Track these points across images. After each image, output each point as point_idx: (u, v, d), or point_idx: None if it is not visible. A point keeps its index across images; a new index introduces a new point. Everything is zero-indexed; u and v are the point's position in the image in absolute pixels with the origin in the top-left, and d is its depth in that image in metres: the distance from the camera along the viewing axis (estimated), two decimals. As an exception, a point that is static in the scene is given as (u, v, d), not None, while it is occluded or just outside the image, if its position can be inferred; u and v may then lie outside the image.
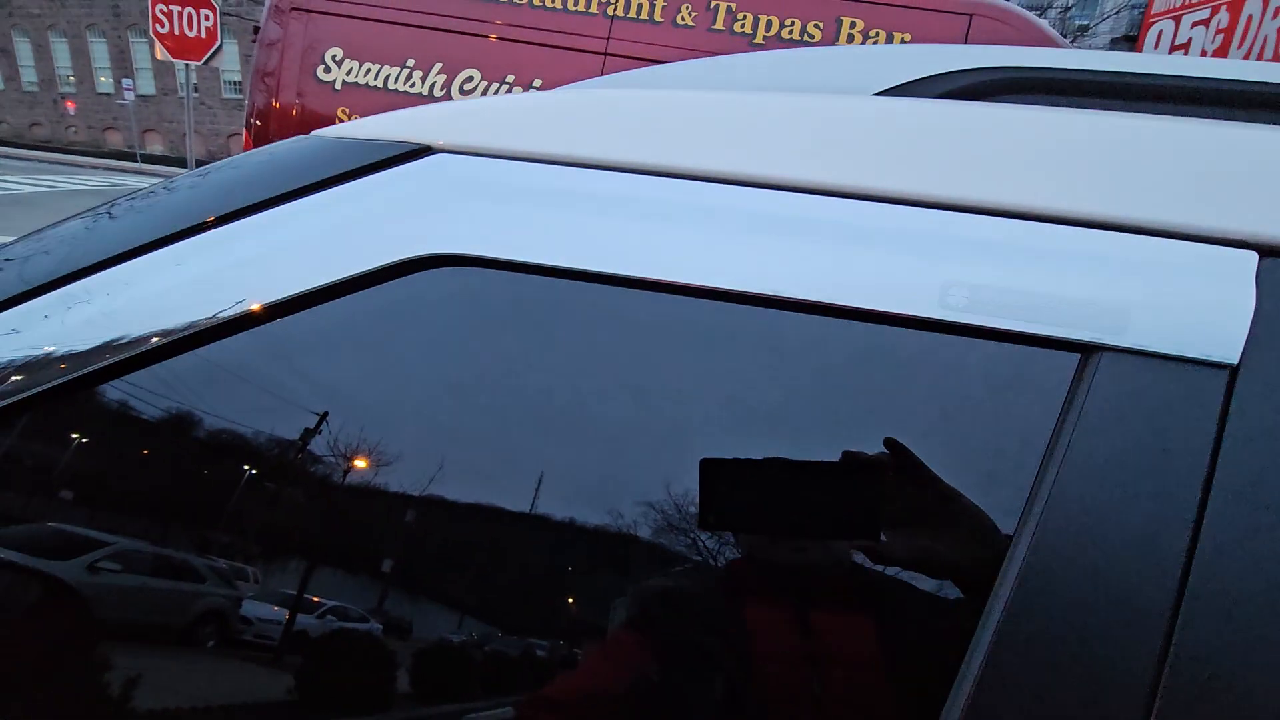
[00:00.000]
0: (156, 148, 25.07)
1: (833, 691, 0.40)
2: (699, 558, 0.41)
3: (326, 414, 0.44)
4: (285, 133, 3.56)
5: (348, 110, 3.46)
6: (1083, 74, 0.60)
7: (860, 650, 0.40)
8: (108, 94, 25.26)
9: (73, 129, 26.22)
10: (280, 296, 0.44)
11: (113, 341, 0.45)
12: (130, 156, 22.48)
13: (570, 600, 0.43)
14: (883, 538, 0.40)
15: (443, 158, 0.47)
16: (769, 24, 3.08)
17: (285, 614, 0.44)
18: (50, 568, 0.48)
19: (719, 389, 0.42)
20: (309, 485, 0.45)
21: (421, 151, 0.47)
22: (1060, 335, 0.39)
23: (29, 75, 26.26)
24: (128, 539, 0.48)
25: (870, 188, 0.42)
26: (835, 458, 0.41)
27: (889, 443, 0.40)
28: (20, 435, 0.48)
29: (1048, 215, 0.41)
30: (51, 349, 0.47)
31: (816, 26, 3.05)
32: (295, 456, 0.45)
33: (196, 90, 21.89)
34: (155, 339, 0.45)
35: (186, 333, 0.45)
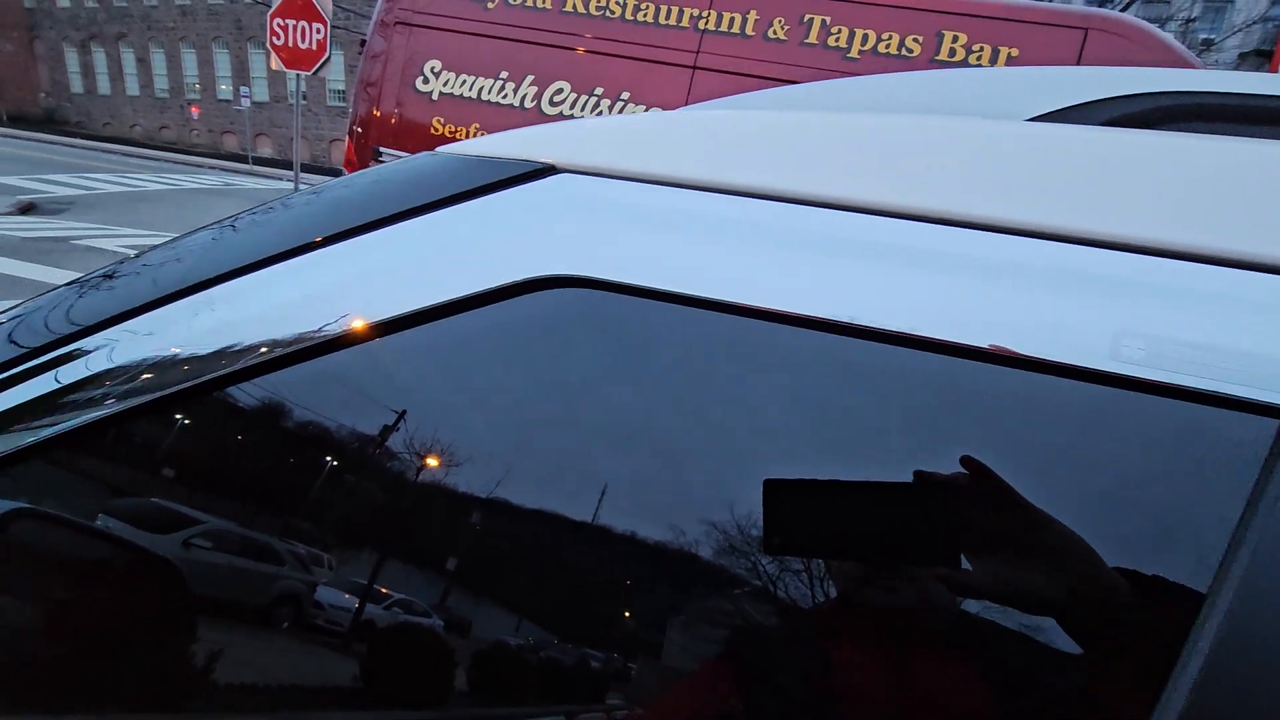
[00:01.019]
0: (266, 150, 26.99)
1: None
2: (808, 593, 0.38)
3: (442, 426, 0.44)
4: (383, 140, 3.75)
5: (442, 119, 3.60)
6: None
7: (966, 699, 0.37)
8: (227, 100, 27.41)
9: (195, 132, 28.59)
10: (400, 311, 0.44)
11: (233, 348, 0.47)
12: (243, 158, 24.28)
13: (677, 629, 0.41)
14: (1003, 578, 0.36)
15: (566, 177, 0.46)
16: (865, 38, 3.00)
17: (412, 621, 0.44)
18: (151, 542, 0.48)
19: (849, 431, 0.39)
20: (420, 497, 0.45)
21: (545, 171, 0.46)
22: (1258, 398, 0.33)
23: (161, 83, 28.85)
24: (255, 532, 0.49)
25: (1030, 223, 0.38)
26: (984, 517, 0.37)
27: (965, 461, 0.36)
28: (151, 430, 0.51)
29: (1245, 261, 0.35)
30: (178, 351, 0.48)
31: (915, 40, 2.95)
32: (405, 467, 0.44)
33: (305, 98, 23.46)
34: (270, 349, 0.46)
35: (308, 343, 0.45)
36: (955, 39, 2.91)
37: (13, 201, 9.78)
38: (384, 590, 0.45)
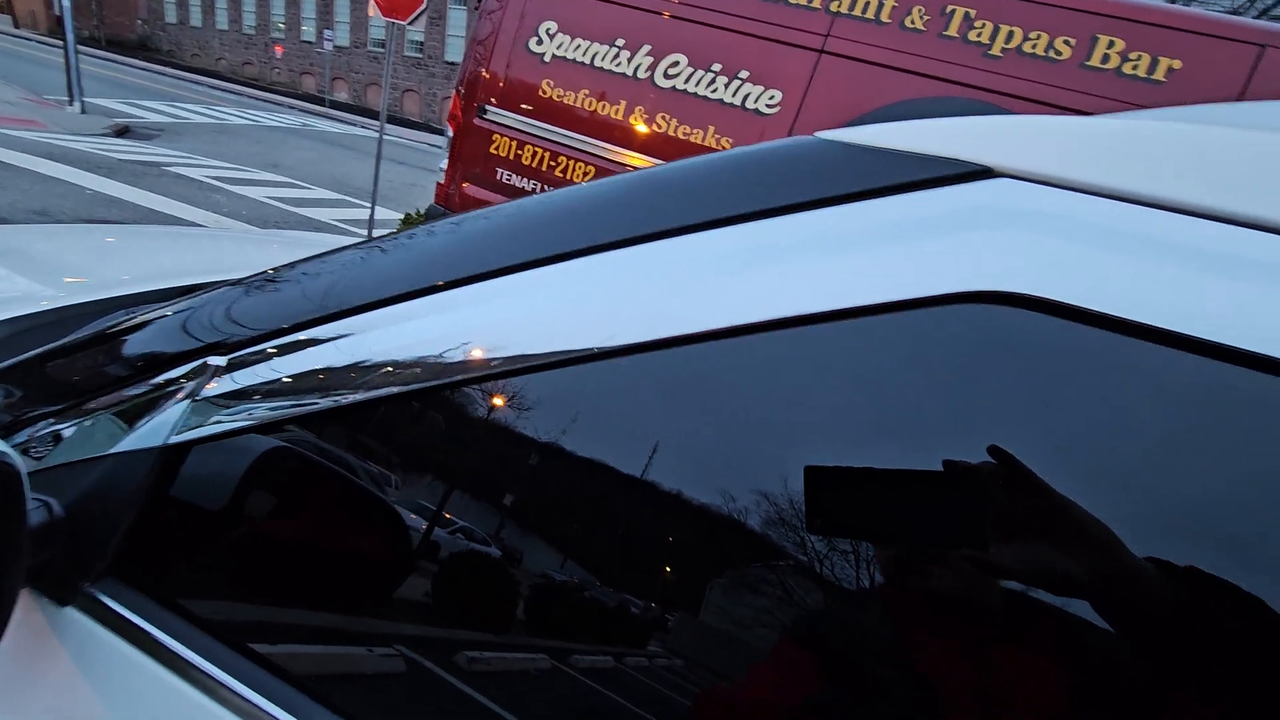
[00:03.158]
0: (341, 95, 27.42)
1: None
2: None
3: (839, 428, 0.39)
4: (489, 98, 3.71)
5: (551, 82, 3.54)
6: None
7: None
8: (309, 42, 27.87)
9: (276, 70, 29.20)
10: (789, 312, 0.40)
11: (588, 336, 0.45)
12: (319, 100, 24.72)
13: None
14: None
15: (1007, 183, 0.40)
16: (1009, 35, 2.81)
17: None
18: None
19: None
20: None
21: (979, 174, 0.40)
22: None
23: (249, 19, 29.48)
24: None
25: None
26: None
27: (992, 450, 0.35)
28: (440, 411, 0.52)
29: None
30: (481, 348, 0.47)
31: (1066, 43, 2.75)
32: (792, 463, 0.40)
33: (385, 47, 23.64)
34: (627, 338, 0.44)
35: (674, 333, 0.43)
36: (1111, 44, 2.70)
37: (110, 124, 10.16)
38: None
